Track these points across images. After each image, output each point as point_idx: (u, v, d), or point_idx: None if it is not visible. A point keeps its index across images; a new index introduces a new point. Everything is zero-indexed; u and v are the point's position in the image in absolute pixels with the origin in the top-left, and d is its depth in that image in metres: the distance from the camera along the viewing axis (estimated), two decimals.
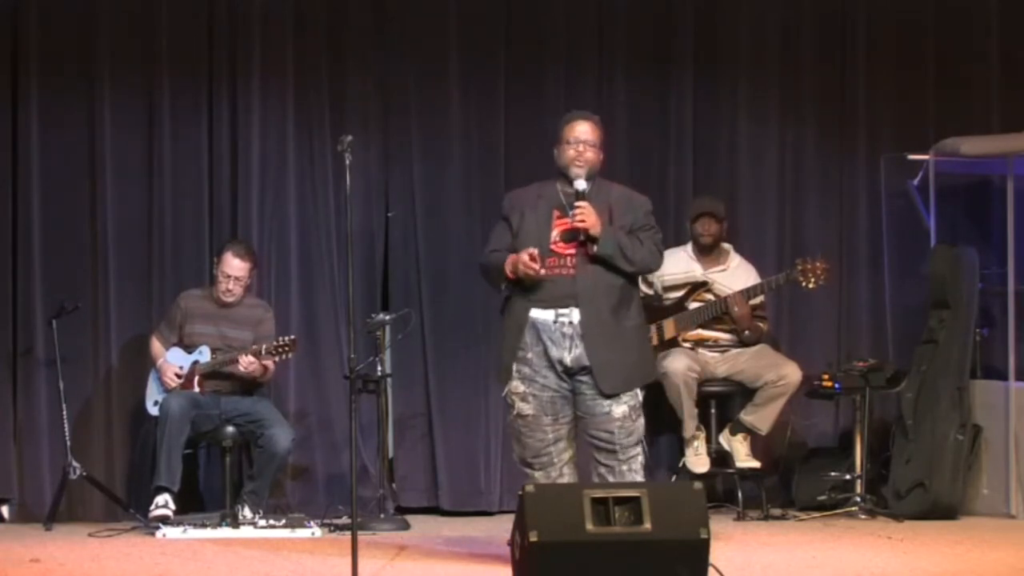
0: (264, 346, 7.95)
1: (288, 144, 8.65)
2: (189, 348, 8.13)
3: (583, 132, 6.65)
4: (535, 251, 6.46)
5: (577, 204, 6.51)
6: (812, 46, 9.10)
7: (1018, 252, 8.54)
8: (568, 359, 6.50)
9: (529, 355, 6.54)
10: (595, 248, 6.49)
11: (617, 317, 6.54)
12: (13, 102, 8.44)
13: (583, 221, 6.48)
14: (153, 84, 8.54)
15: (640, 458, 6.60)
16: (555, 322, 6.50)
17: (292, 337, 7.99)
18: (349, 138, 6.37)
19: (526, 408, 6.57)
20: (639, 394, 6.63)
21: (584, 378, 6.53)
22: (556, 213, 6.59)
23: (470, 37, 8.79)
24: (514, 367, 6.57)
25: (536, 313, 6.52)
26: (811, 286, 8.28)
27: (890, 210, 9.01)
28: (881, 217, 9.02)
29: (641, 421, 6.62)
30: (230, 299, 8.12)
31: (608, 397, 6.52)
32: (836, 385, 8.47)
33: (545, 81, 8.83)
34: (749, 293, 8.32)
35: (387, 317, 8.20)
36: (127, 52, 8.53)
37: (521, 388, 6.57)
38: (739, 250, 8.60)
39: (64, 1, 8.49)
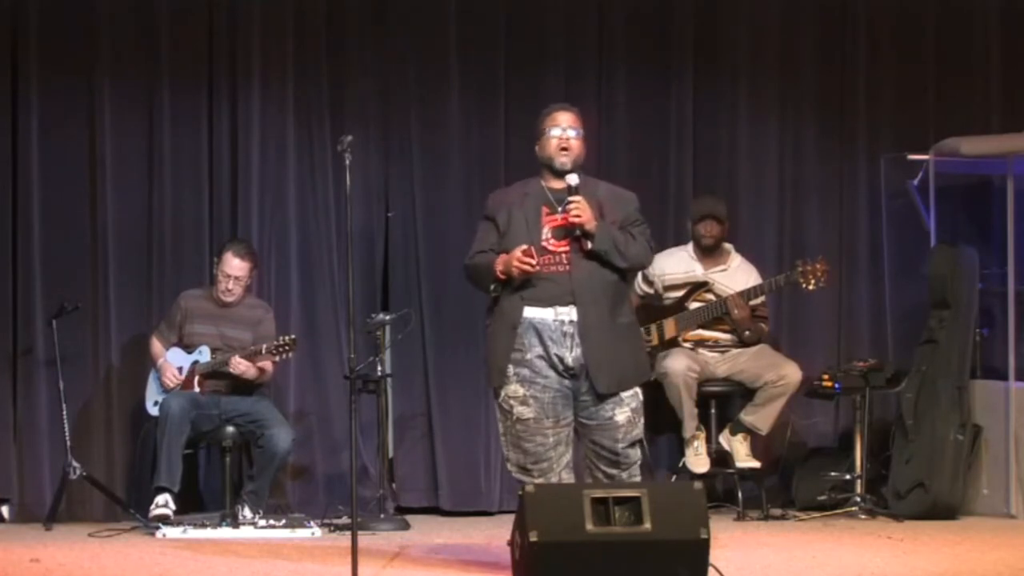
0: (264, 346, 7.95)
1: (288, 144, 8.65)
2: (189, 348, 8.13)
3: (566, 120, 6.50)
4: (529, 247, 6.31)
5: (571, 199, 6.35)
6: (812, 46, 9.10)
7: (1018, 252, 8.54)
8: (570, 359, 6.34)
9: (528, 356, 6.36)
10: (590, 244, 6.36)
11: (613, 315, 6.40)
12: (13, 102, 8.44)
13: (579, 216, 6.33)
14: (153, 84, 8.54)
15: (639, 456, 6.48)
16: (554, 320, 6.35)
17: (292, 336, 7.99)
18: (349, 138, 6.35)
19: (526, 412, 6.37)
20: (640, 394, 6.49)
21: (585, 381, 6.36)
22: (545, 210, 6.44)
23: (470, 37, 8.79)
24: (510, 369, 6.38)
25: (532, 312, 6.36)
26: (811, 287, 8.28)
27: (890, 210, 9.01)
28: (881, 217, 9.02)
29: (642, 422, 6.50)
30: (230, 299, 8.12)
31: (606, 399, 6.36)
32: (836, 385, 8.47)
33: (545, 81, 8.82)
34: (749, 294, 8.32)
35: (387, 317, 8.20)
36: (127, 52, 8.53)
37: (520, 391, 6.37)
38: (739, 250, 8.60)
39: (64, 1, 8.49)
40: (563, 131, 6.48)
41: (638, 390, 6.49)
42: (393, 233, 8.76)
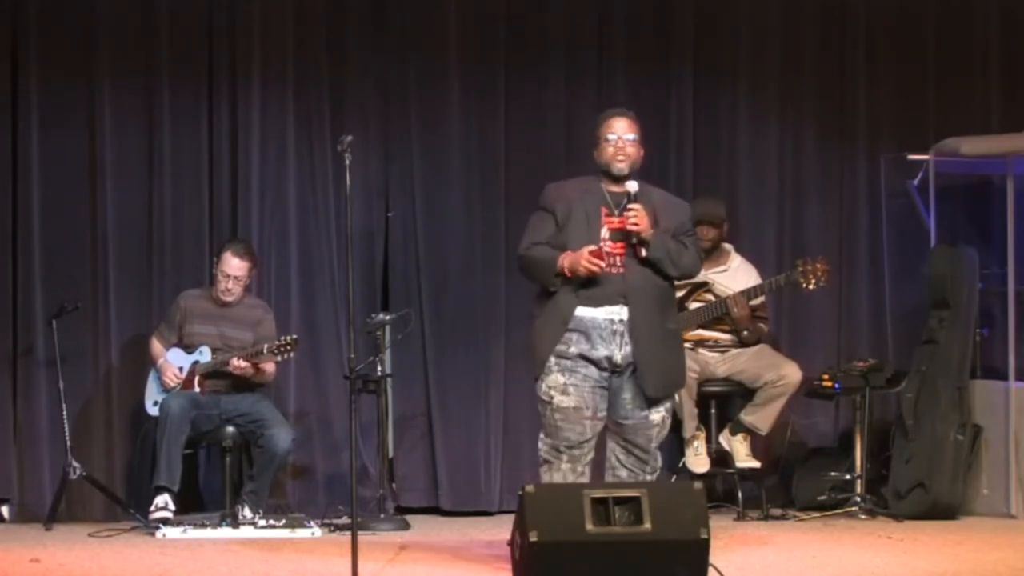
0: (266, 346, 7.95)
1: (288, 144, 8.65)
2: (189, 348, 8.13)
3: (621, 128, 6.65)
4: (598, 249, 6.44)
5: (630, 206, 6.50)
6: (812, 46, 9.10)
7: (1018, 252, 8.54)
8: (619, 356, 6.47)
9: (572, 349, 6.49)
10: (645, 252, 6.49)
11: (661, 319, 6.56)
12: (13, 102, 8.44)
13: (636, 224, 6.47)
14: (153, 84, 8.54)
15: (661, 466, 6.67)
16: (605, 319, 6.47)
17: (294, 336, 7.99)
18: (349, 138, 6.38)
19: (566, 400, 6.50)
20: (673, 399, 6.70)
21: (628, 380, 6.50)
22: (604, 211, 6.57)
23: (470, 37, 8.79)
24: (552, 360, 6.50)
25: (584, 311, 6.48)
26: (811, 287, 8.28)
27: (890, 210, 9.01)
28: (881, 217, 9.02)
29: (669, 425, 6.69)
30: (229, 298, 8.12)
31: (648, 402, 6.51)
32: (836, 385, 8.47)
33: (545, 81, 8.83)
34: (749, 294, 8.32)
35: (387, 317, 8.20)
36: (127, 52, 8.53)
37: (561, 380, 6.50)
38: (739, 250, 8.60)
39: (64, 1, 8.49)
40: (619, 137, 6.63)
41: (673, 395, 6.71)
42: (393, 233, 8.76)
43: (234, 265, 8.08)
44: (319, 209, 8.66)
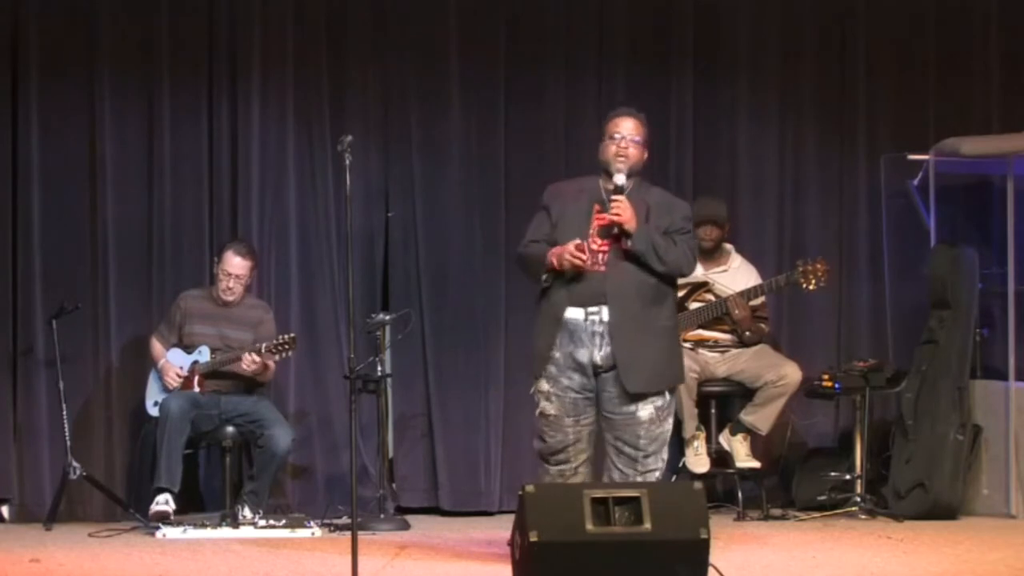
0: (264, 344, 7.95)
1: (288, 144, 8.65)
2: (189, 348, 8.13)
3: (627, 128, 6.70)
4: (581, 242, 6.49)
5: (614, 198, 6.54)
6: (812, 46, 9.10)
7: (1018, 252, 8.55)
8: (599, 357, 6.53)
9: (557, 354, 6.56)
10: (629, 243, 6.51)
11: (648, 316, 6.56)
12: (13, 102, 8.44)
13: (618, 215, 6.50)
14: (153, 84, 8.54)
15: (661, 467, 6.62)
16: (585, 320, 6.52)
17: (292, 335, 8.00)
18: (349, 138, 6.38)
19: (549, 407, 6.62)
20: (668, 396, 6.63)
21: (610, 376, 6.53)
22: (596, 207, 6.61)
23: (470, 37, 8.80)
24: (545, 363, 6.58)
25: (570, 312, 6.54)
26: (811, 287, 8.28)
27: (890, 210, 9.01)
28: (881, 217, 9.02)
29: (668, 425, 6.65)
30: (230, 298, 8.12)
31: (633, 398, 6.52)
32: (836, 385, 8.47)
33: (545, 81, 8.83)
34: (749, 294, 8.33)
35: (387, 317, 8.20)
36: (127, 52, 8.53)
37: (545, 387, 6.61)
38: (739, 250, 8.60)
39: (64, 1, 8.49)
40: (623, 137, 6.68)
41: (666, 392, 6.62)
42: (393, 233, 8.76)
43: (235, 264, 8.08)
44: (319, 209, 8.67)
